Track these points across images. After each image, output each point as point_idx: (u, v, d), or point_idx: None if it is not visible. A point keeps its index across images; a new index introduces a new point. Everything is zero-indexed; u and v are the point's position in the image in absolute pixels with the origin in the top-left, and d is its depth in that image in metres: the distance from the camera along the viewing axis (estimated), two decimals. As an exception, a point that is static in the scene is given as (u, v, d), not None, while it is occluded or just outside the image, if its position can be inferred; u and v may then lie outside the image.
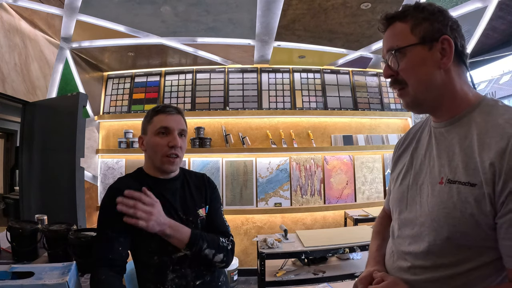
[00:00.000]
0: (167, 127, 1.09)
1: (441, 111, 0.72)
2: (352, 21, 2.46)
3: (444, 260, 0.64)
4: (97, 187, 3.31)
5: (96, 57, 3.16)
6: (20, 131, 2.53)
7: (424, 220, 0.68)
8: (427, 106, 0.73)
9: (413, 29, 0.69)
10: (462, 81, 0.70)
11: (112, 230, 0.99)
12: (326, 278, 1.87)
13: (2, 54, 2.15)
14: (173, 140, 1.08)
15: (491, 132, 0.62)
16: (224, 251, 1.08)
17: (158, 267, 1.04)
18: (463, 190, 0.62)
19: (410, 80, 0.70)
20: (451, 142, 0.68)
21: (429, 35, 0.68)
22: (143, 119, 1.16)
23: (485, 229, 0.59)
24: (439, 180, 0.67)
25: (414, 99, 0.71)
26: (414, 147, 0.81)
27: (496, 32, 2.93)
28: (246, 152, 3.22)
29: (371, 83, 3.62)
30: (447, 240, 0.63)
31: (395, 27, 0.72)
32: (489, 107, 0.67)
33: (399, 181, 0.81)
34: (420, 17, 0.69)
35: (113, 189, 1.06)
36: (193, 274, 1.05)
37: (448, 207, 0.63)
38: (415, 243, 0.69)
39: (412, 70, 0.69)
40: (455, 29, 0.69)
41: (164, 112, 1.11)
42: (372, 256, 0.85)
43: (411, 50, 0.69)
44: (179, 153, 1.11)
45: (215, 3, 2.20)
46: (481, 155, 0.61)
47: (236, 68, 3.51)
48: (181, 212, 1.10)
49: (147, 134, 1.13)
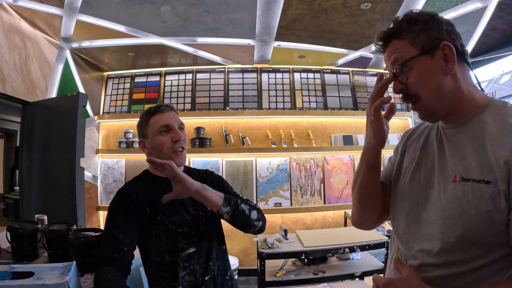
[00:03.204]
0: (167, 124, 1.12)
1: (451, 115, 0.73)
2: (352, 21, 2.46)
3: (456, 257, 0.65)
4: (97, 187, 3.31)
5: (96, 57, 3.16)
6: (20, 131, 2.54)
7: (436, 218, 0.69)
8: (441, 115, 0.74)
9: (413, 42, 0.70)
10: (467, 82, 0.72)
11: (118, 231, 1.00)
12: (326, 278, 1.87)
13: (2, 54, 2.15)
14: (176, 135, 1.11)
15: (503, 132, 0.64)
16: (257, 209, 1.13)
17: (170, 265, 1.05)
18: (478, 188, 0.63)
19: (421, 92, 0.71)
20: (463, 142, 0.70)
21: (428, 44, 0.69)
22: (138, 125, 1.18)
23: (499, 225, 0.61)
24: (452, 179, 0.68)
25: (428, 109, 0.73)
26: (423, 144, 0.81)
27: (496, 32, 2.93)
28: (246, 152, 3.22)
29: (371, 83, 3.62)
30: (461, 237, 0.64)
31: (393, 45, 0.73)
32: (498, 108, 0.69)
33: (407, 177, 0.81)
34: (416, 30, 0.70)
35: (122, 194, 1.08)
36: (201, 270, 1.07)
37: (462, 204, 0.64)
38: (428, 241, 0.70)
39: (421, 81, 0.70)
40: (451, 31, 0.71)
41: (159, 112, 1.14)
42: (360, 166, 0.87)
43: (416, 62, 0.70)
44: (184, 145, 1.14)
45: (215, 3, 2.20)
46: (495, 154, 0.62)
47: (236, 68, 3.51)
48: (191, 208, 1.11)
49: (148, 137, 1.14)
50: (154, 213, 1.07)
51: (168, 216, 1.06)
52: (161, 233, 1.03)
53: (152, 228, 1.06)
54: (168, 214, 1.07)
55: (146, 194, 1.09)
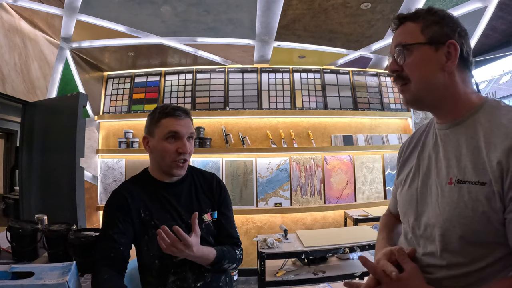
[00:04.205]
0: (177, 132, 1.06)
1: (443, 112, 0.75)
2: (352, 21, 2.46)
3: (459, 259, 0.66)
4: (97, 187, 3.31)
5: (96, 57, 3.16)
6: (20, 131, 2.54)
7: (435, 221, 0.70)
8: (426, 105, 0.76)
9: (423, 29, 0.72)
10: (465, 85, 0.73)
11: (114, 231, 1.00)
12: (326, 278, 1.87)
13: (2, 54, 2.15)
14: (182, 147, 1.06)
15: (496, 132, 0.64)
16: (238, 261, 1.16)
17: (160, 270, 1.04)
18: (473, 190, 0.64)
19: (413, 76, 0.72)
20: (457, 143, 0.70)
21: (437, 37, 0.71)
22: (149, 119, 1.12)
23: (496, 225, 0.62)
24: (448, 181, 0.69)
25: (415, 95, 0.74)
26: (420, 150, 0.82)
27: (496, 32, 2.94)
28: (246, 152, 3.22)
29: (371, 83, 3.62)
30: (461, 239, 0.65)
31: (406, 26, 0.75)
32: (492, 108, 0.69)
33: (407, 184, 0.82)
34: (431, 19, 0.72)
35: (117, 193, 1.07)
36: (193, 276, 1.06)
37: (459, 206, 0.65)
38: (430, 244, 0.71)
39: (417, 67, 0.72)
40: (463, 36, 0.72)
41: (173, 116, 1.07)
42: (379, 244, 0.87)
43: (418, 49, 0.72)
44: (188, 158, 1.10)
45: (215, 3, 2.20)
46: (488, 155, 0.63)
47: (236, 68, 3.51)
48: (185, 216, 1.09)
49: (154, 137, 1.09)
50: (148, 217, 1.05)
51: (162, 222, 1.04)
52: (153, 238, 0.99)
53: (145, 232, 1.05)
54: (162, 219, 1.06)
55: (142, 197, 1.08)
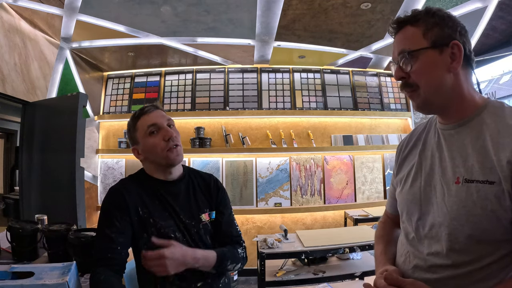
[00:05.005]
0: (155, 123, 1.08)
1: (449, 113, 0.75)
2: (352, 21, 2.46)
3: (465, 257, 0.66)
4: (97, 187, 3.31)
5: (96, 57, 3.16)
6: (20, 131, 2.53)
7: (442, 220, 0.70)
8: (437, 108, 0.76)
9: (425, 33, 0.72)
10: (469, 84, 0.73)
11: (111, 230, 0.99)
12: (326, 278, 1.87)
13: (2, 54, 2.15)
14: (166, 133, 1.08)
15: (503, 133, 0.65)
16: (241, 261, 1.14)
17: None
18: (482, 189, 0.64)
19: (422, 82, 0.72)
20: (463, 143, 0.71)
21: (440, 40, 0.71)
22: (128, 133, 1.15)
23: (504, 223, 0.63)
24: (454, 180, 0.69)
25: (425, 100, 0.74)
26: (421, 148, 0.82)
27: (496, 32, 2.94)
28: (246, 152, 3.22)
29: (371, 83, 3.62)
30: (469, 237, 0.66)
31: (406, 30, 0.75)
32: (496, 109, 0.70)
33: (408, 183, 0.81)
34: (431, 22, 0.72)
35: (113, 191, 1.06)
36: (194, 277, 1.05)
37: (467, 205, 0.66)
38: (435, 243, 0.71)
39: (424, 73, 0.72)
40: (464, 35, 0.72)
41: (144, 113, 1.10)
42: (378, 261, 0.86)
43: (423, 54, 0.71)
44: (178, 142, 1.10)
45: (215, 3, 2.20)
46: (497, 155, 0.64)
47: (236, 68, 3.51)
48: (183, 216, 1.09)
49: (139, 142, 1.11)
50: (146, 215, 1.05)
51: (161, 220, 1.05)
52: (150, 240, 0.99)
53: (144, 230, 1.04)
54: (160, 218, 1.06)
55: (140, 194, 1.07)
